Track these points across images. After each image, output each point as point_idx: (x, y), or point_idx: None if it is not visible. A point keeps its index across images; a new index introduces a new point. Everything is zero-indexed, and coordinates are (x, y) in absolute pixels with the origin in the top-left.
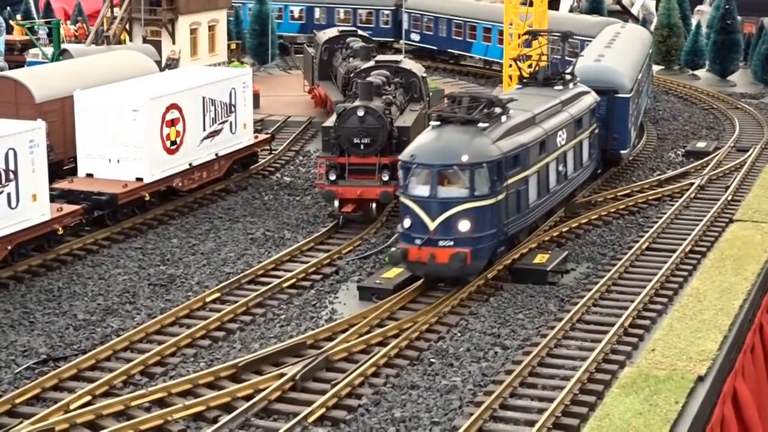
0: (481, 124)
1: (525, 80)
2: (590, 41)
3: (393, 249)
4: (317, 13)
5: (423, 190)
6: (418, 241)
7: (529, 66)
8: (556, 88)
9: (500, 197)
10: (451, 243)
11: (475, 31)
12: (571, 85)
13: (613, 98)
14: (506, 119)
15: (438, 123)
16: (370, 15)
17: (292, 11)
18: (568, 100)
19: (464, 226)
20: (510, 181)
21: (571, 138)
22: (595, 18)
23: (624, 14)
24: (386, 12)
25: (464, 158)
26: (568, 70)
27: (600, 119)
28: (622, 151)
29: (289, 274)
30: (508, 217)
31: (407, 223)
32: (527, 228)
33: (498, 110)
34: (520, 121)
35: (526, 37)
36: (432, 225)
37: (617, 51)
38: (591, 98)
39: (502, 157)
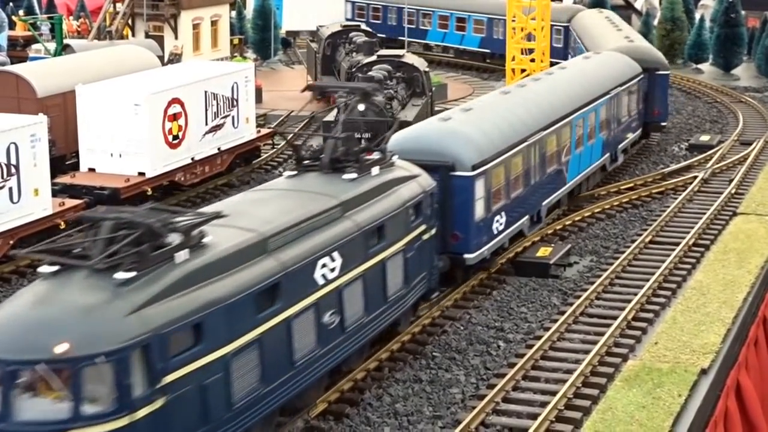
0: (121, 275)
1: (305, 163)
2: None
3: None
4: (498, 26)
5: None
6: None
7: None
8: (345, 176)
9: (147, 412)
10: None
11: None
12: (376, 169)
13: (448, 178)
14: (189, 256)
15: (52, 271)
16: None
17: (476, 21)
18: (361, 197)
19: None
20: (177, 375)
21: (357, 262)
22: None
23: (628, 9)
24: (558, 28)
25: (60, 348)
26: (379, 144)
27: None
28: (466, 255)
29: None
30: None
31: None
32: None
33: (173, 241)
34: (222, 256)
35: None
36: None
37: (508, 100)
38: (416, 186)
39: (151, 338)
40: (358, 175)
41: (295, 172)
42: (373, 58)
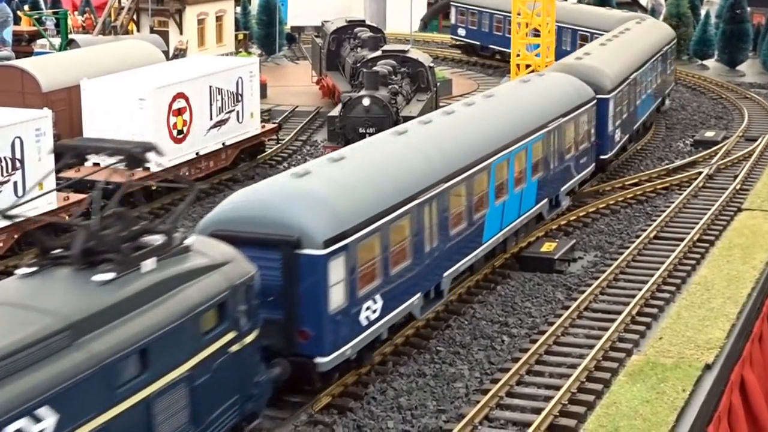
0: None
1: (52, 254)
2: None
3: None
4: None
5: None
6: None
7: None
8: (96, 278)
9: None
10: None
11: None
12: (151, 261)
13: (293, 258)
14: None
15: None
16: None
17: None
18: (110, 311)
19: None
20: None
21: (93, 412)
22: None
23: (633, 5)
24: None
25: None
26: (169, 218)
27: (275, 299)
28: (318, 359)
29: None
30: None
31: None
32: None
33: None
34: None
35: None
36: None
37: (399, 144)
38: (218, 280)
39: None
40: (116, 275)
41: (33, 269)
42: (378, 53)
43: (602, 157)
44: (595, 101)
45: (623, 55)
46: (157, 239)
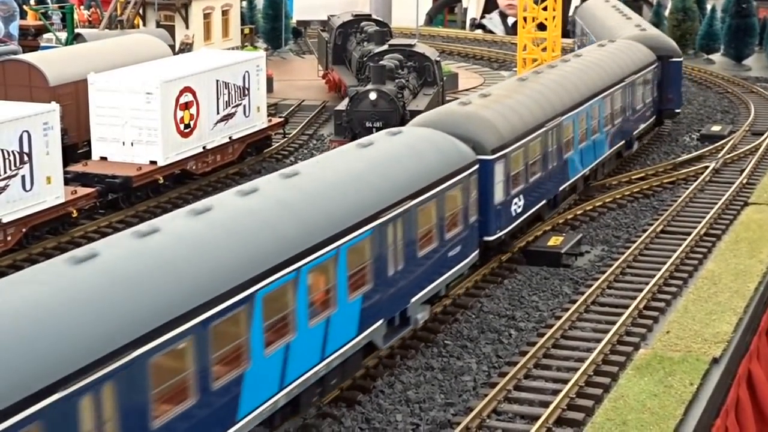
0: None
1: None
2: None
3: None
4: None
5: None
6: None
7: None
8: None
9: None
10: None
11: None
12: None
13: None
14: None
15: None
16: None
17: None
18: None
19: None
20: None
21: None
22: None
23: (638, 0)
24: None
25: None
26: None
27: None
28: None
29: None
30: None
31: None
32: None
33: None
34: None
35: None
36: None
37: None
38: None
39: None
40: None
41: None
42: (385, 47)
43: (486, 239)
44: (474, 167)
45: (540, 96)
46: None
